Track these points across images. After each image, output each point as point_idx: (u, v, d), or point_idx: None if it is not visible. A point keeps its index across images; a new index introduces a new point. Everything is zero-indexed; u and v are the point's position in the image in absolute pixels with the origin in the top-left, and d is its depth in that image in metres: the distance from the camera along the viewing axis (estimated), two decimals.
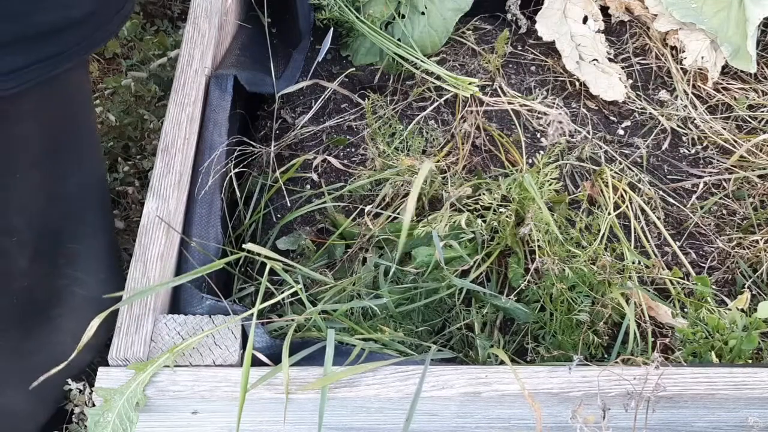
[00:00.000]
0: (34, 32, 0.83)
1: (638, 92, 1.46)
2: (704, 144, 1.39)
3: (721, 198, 1.31)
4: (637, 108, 1.43)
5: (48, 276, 1.08)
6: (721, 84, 1.47)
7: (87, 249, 1.11)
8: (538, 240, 1.12)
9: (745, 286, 1.19)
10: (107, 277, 1.14)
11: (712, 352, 1.03)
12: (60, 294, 1.11)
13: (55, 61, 0.86)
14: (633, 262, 1.14)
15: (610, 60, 1.49)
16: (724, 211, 1.30)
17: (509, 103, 1.37)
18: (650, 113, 1.42)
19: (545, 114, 1.36)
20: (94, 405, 0.90)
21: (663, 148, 1.38)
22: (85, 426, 1.10)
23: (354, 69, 1.49)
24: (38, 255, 1.03)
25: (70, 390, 1.11)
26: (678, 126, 1.41)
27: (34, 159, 0.96)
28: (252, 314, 0.93)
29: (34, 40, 0.83)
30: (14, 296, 1.04)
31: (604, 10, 1.55)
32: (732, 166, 1.34)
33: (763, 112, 1.43)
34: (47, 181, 1.00)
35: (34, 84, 0.85)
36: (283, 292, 0.99)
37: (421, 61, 1.42)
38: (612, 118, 1.42)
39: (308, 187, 1.31)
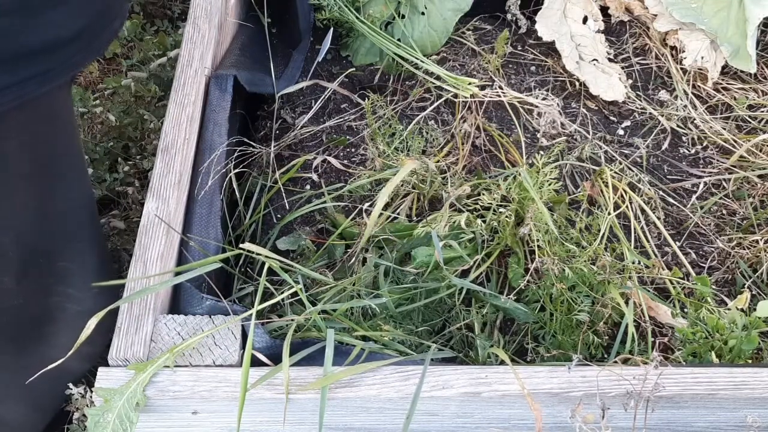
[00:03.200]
0: (24, 51, 0.82)
1: (638, 92, 1.46)
2: (704, 144, 1.39)
3: (721, 198, 1.31)
4: (637, 108, 1.43)
5: (39, 294, 1.07)
6: (721, 84, 1.47)
7: (78, 266, 1.10)
8: (538, 240, 1.12)
9: (745, 286, 1.19)
10: (100, 291, 1.12)
11: (712, 352, 1.03)
12: (53, 311, 1.10)
13: (42, 79, 0.85)
14: (633, 262, 1.14)
15: (610, 60, 1.49)
16: (724, 211, 1.30)
17: (503, 96, 1.37)
18: (650, 113, 1.42)
19: (536, 106, 1.36)
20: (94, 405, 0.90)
21: (663, 148, 1.38)
22: (85, 428, 1.10)
23: (354, 69, 1.49)
24: (27, 273, 1.02)
25: (71, 394, 1.11)
26: (678, 126, 1.41)
27: (18, 177, 0.95)
28: (252, 314, 0.93)
29: (22, 59, 0.82)
30: (5, 314, 1.04)
31: (604, 10, 1.55)
32: (732, 166, 1.34)
33: (763, 112, 1.43)
34: (33, 199, 0.99)
35: (21, 102, 0.84)
36: (283, 293, 0.99)
37: (421, 61, 1.42)
38: (612, 118, 1.42)
39: (308, 187, 1.31)
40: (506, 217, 1.15)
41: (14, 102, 0.83)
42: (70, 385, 1.10)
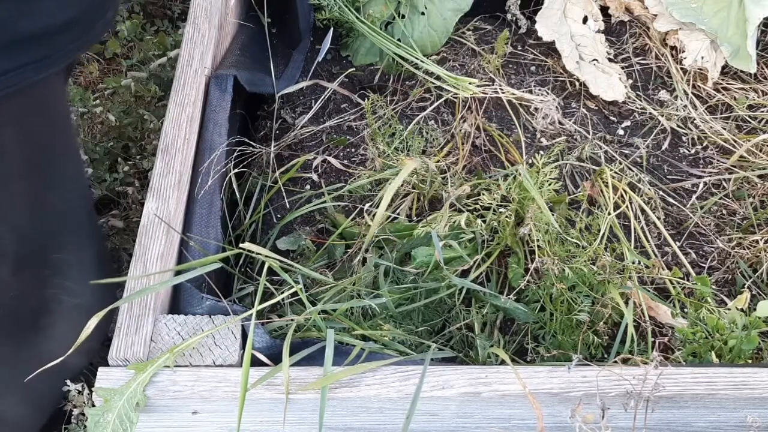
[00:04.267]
0: (18, 38, 0.83)
1: (638, 92, 1.46)
2: (704, 144, 1.39)
3: (721, 198, 1.31)
4: (637, 108, 1.43)
5: (36, 286, 1.07)
6: (721, 84, 1.47)
7: (74, 258, 1.10)
8: (538, 240, 1.12)
9: (745, 286, 1.19)
10: (97, 284, 1.13)
11: (712, 352, 1.03)
12: (49, 303, 1.10)
13: (38, 66, 0.86)
14: (633, 262, 1.14)
15: (610, 60, 1.49)
16: (724, 211, 1.30)
17: (500, 93, 1.37)
18: (650, 113, 1.42)
19: (531, 102, 1.36)
20: (94, 405, 0.90)
21: (663, 148, 1.38)
22: (85, 426, 1.10)
23: (354, 69, 1.49)
24: (22, 265, 1.02)
25: (69, 391, 1.11)
26: (678, 126, 1.41)
27: (14, 169, 0.95)
28: (252, 314, 0.93)
29: (17, 46, 0.83)
30: (2, 306, 1.04)
31: (604, 10, 1.55)
32: (732, 166, 1.34)
33: (763, 112, 1.43)
34: (28, 191, 0.99)
35: (16, 89, 0.84)
36: (283, 293, 0.99)
37: (421, 61, 1.42)
38: (612, 118, 1.42)
39: (308, 187, 1.31)
40: (506, 217, 1.15)
41: (10, 88, 0.84)
42: (68, 382, 1.10)
